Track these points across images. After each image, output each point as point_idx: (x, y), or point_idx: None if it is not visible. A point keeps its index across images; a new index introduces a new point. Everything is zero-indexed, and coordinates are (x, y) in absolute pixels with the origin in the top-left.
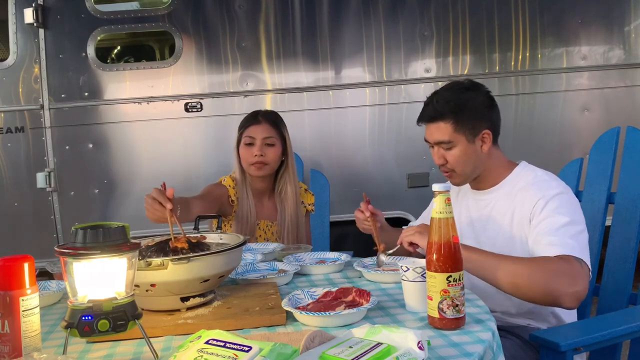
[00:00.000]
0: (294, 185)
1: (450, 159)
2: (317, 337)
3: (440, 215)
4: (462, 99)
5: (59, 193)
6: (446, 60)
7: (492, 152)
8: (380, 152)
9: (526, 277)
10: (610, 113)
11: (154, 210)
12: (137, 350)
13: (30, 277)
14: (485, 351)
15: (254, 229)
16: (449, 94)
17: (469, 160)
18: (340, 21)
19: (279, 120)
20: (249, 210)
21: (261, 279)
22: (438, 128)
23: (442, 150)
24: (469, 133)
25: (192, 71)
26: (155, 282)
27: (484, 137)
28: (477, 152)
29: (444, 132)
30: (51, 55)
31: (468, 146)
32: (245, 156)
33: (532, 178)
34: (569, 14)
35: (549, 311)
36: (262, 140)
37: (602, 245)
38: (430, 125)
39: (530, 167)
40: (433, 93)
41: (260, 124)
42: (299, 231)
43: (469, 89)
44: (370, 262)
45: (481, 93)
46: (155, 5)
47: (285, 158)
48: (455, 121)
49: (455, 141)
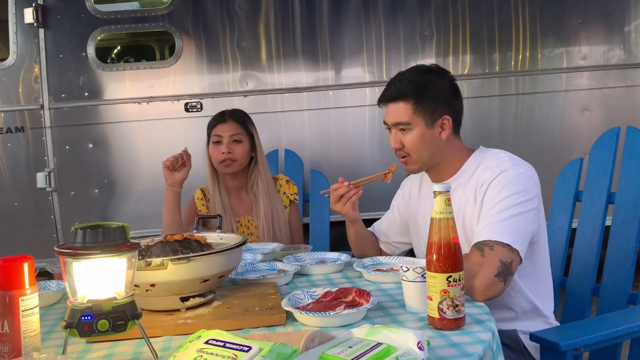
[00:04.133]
0: (264, 180)
1: (407, 143)
2: (316, 337)
3: (440, 216)
4: (425, 80)
5: (59, 193)
6: (446, 60)
7: (451, 141)
8: (380, 152)
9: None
10: (610, 113)
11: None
12: (136, 350)
13: (30, 277)
14: (485, 351)
15: (232, 226)
16: (412, 75)
17: (425, 145)
18: (340, 21)
19: (246, 118)
20: (223, 209)
21: (261, 279)
22: (398, 108)
23: (399, 134)
24: (428, 117)
25: (192, 71)
26: (155, 282)
27: (443, 123)
28: (435, 137)
29: (403, 113)
30: (51, 55)
31: (426, 130)
32: (214, 154)
33: (484, 162)
34: (569, 14)
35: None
36: (229, 137)
37: (602, 245)
38: (390, 106)
39: (485, 150)
40: (397, 74)
41: (227, 123)
42: (277, 223)
43: (433, 72)
44: (370, 263)
45: (446, 78)
46: (155, 5)
47: (255, 154)
48: (415, 102)
49: (413, 123)
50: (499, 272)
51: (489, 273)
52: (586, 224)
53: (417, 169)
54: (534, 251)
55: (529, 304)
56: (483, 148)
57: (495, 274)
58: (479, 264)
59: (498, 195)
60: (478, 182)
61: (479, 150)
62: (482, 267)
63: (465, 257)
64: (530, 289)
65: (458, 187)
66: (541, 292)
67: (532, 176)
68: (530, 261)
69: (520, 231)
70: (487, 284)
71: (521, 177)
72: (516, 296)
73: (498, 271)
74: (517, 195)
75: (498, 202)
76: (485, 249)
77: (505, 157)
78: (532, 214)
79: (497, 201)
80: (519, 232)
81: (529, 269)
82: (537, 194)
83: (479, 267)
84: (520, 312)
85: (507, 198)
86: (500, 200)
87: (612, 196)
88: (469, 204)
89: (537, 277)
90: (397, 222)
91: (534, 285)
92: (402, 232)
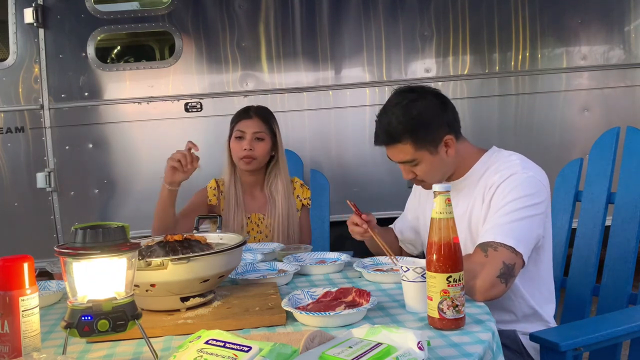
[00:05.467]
0: (284, 180)
1: (418, 173)
2: (317, 337)
3: (441, 216)
4: (413, 114)
5: (59, 193)
6: (446, 60)
7: (458, 149)
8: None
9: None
10: (610, 113)
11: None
12: (136, 350)
13: (30, 277)
14: (485, 351)
15: (242, 222)
16: (399, 113)
17: (437, 169)
18: (340, 21)
19: (270, 116)
20: (236, 204)
21: (261, 279)
22: (398, 151)
23: (408, 166)
24: (431, 146)
25: (192, 71)
26: (155, 282)
27: (446, 143)
28: (443, 159)
29: (405, 152)
30: (51, 55)
31: (433, 158)
32: (235, 150)
33: (494, 164)
34: (569, 14)
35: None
36: (252, 134)
37: (602, 245)
38: (389, 149)
39: (497, 151)
40: (381, 113)
41: (251, 119)
42: (291, 225)
43: (416, 100)
44: (370, 263)
45: (429, 98)
46: (155, 5)
47: (276, 153)
48: (412, 140)
49: (418, 158)
50: (501, 274)
51: (491, 274)
52: (586, 224)
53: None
54: (539, 255)
55: (530, 309)
56: (496, 148)
57: (497, 275)
58: (481, 264)
59: (506, 197)
60: (487, 184)
61: (492, 150)
62: (485, 267)
63: (468, 257)
64: (532, 293)
65: (466, 187)
66: (543, 296)
67: (542, 180)
68: (534, 265)
69: (525, 235)
70: (488, 285)
71: (530, 180)
72: (517, 300)
73: (500, 272)
74: (525, 199)
75: (505, 205)
76: (489, 249)
77: (517, 160)
78: (539, 219)
79: (505, 203)
80: (524, 235)
81: (532, 273)
82: (546, 198)
83: (481, 267)
84: (520, 315)
85: (514, 201)
86: (508, 202)
87: (612, 196)
88: (477, 205)
89: (539, 281)
90: (409, 220)
91: (536, 289)
92: (415, 231)
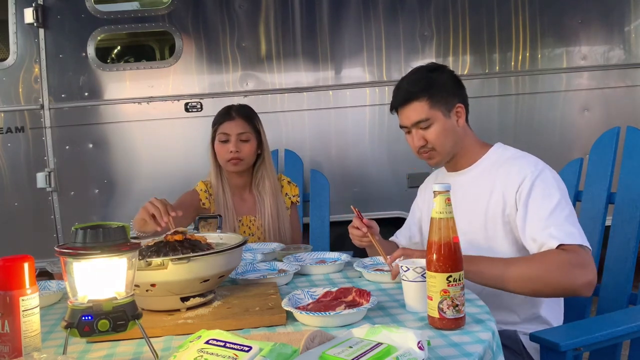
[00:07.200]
0: (271, 178)
1: (430, 138)
2: (317, 337)
3: (441, 216)
4: (430, 77)
5: (59, 193)
6: (446, 60)
7: (466, 129)
8: (380, 152)
9: (539, 278)
10: (610, 113)
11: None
12: (137, 350)
13: (30, 277)
14: (485, 351)
15: (234, 225)
16: (416, 76)
17: (447, 135)
18: (340, 21)
19: (253, 114)
20: (226, 207)
21: (261, 279)
22: (414, 109)
23: (420, 131)
24: (444, 108)
25: (192, 71)
26: (155, 282)
27: (457, 111)
28: (454, 126)
29: (420, 110)
30: (51, 55)
31: (446, 121)
32: (220, 153)
33: (511, 154)
34: (569, 14)
35: (535, 316)
36: (236, 136)
37: (602, 245)
38: (404, 109)
39: (506, 146)
40: (400, 79)
41: (234, 120)
42: (282, 223)
43: (434, 70)
44: (370, 262)
45: (446, 72)
46: (155, 5)
47: (261, 151)
48: (428, 97)
49: (432, 118)
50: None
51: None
52: (586, 224)
53: (441, 160)
54: None
55: (534, 313)
56: (502, 144)
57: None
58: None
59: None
60: (512, 172)
61: (499, 144)
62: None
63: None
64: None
65: (482, 173)
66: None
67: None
68: None
69: (579, 226)
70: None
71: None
72: (522, 300)
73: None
74: (565, 198)
75: (555, 206)
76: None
77: (536, 159)
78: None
79: (554, 205)
80: (579, 227)
81: None
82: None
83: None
84: (523, 317)
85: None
86: (557, 202)
87: (612, 196)
88: (496, 190)
89: None
90: (415, 223)
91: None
92: (420, 233)
